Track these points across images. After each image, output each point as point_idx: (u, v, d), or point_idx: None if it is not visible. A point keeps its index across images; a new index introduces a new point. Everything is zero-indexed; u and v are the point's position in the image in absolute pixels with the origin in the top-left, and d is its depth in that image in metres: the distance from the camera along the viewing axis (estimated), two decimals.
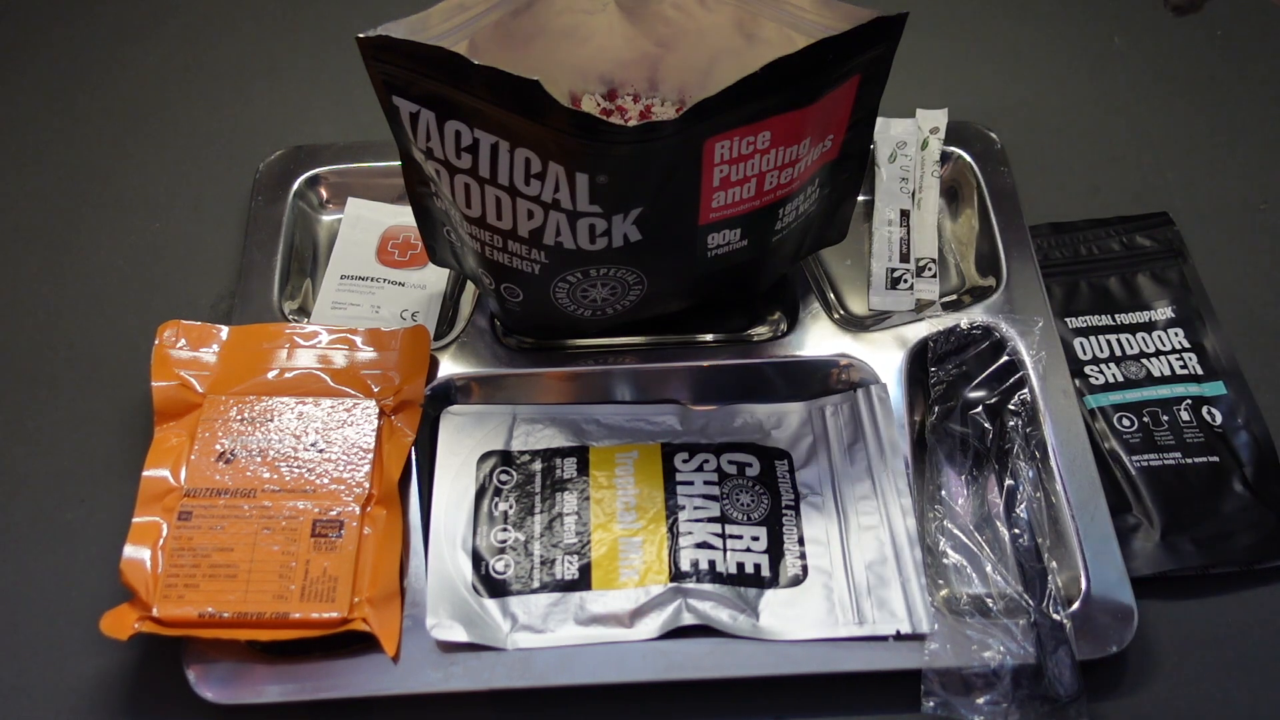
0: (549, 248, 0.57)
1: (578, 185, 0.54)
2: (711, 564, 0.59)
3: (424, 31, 0.57)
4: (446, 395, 0.66)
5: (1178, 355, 0.69)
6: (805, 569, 0.59)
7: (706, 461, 0.63)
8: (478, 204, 0.56)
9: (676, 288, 0.64)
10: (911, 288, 0.71)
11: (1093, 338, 0.70)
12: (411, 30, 0.55)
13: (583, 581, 0.59)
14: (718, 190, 0.57)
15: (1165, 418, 0.66)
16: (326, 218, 0.76)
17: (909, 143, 0.75)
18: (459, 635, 0.56)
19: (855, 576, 0.59)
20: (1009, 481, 0.62)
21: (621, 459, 0.63)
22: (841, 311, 0.70)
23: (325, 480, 0.60)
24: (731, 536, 0.60)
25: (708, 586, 0.58)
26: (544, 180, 0.54)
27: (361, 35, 0.51)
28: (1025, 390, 0.65)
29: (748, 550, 0.60)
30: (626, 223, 0.56)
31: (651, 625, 0.57)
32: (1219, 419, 0.66)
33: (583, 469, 0.63)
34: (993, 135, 0.76)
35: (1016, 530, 0.61)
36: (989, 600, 0.59)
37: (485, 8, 0.60)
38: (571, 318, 0.63)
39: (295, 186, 0.74)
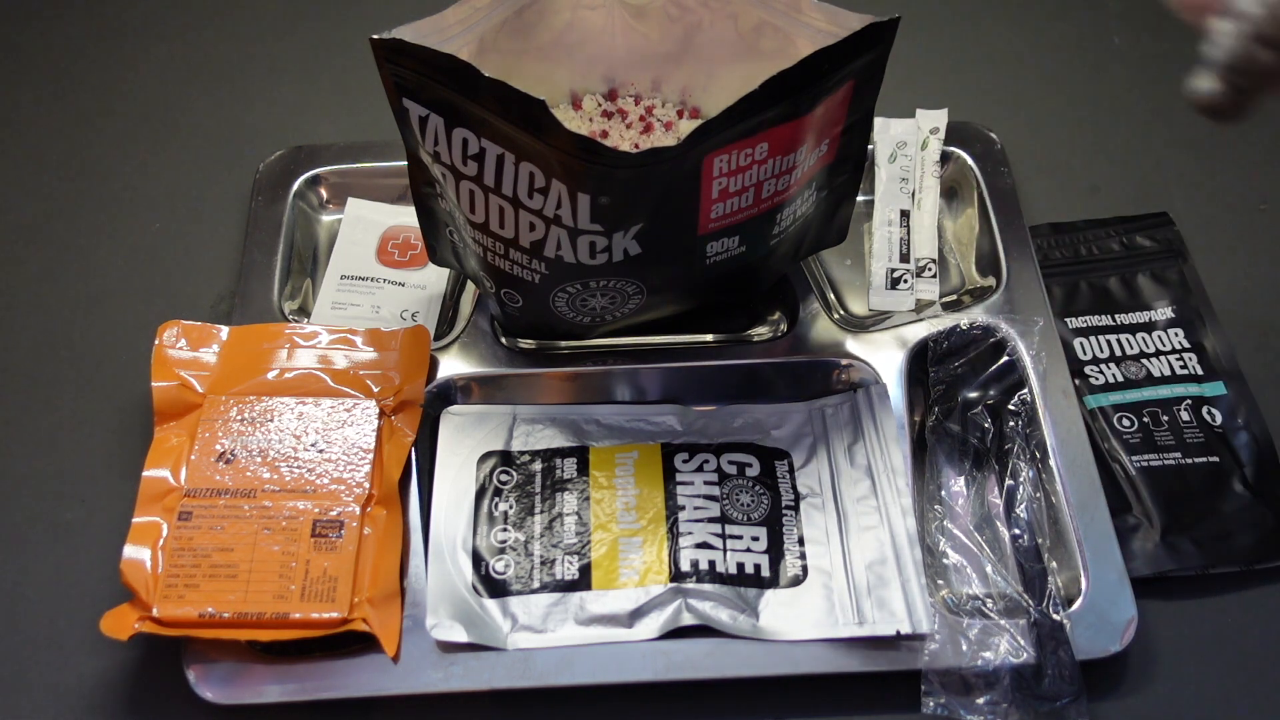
0: (549, 259, 0.57)
1: (579, 204, 0.54)
2: (711, 564, 0.59)
3: (439, 33, 0.56)
4: (446, 395, 0.66)
5: (1178, 355, 0.69)
6: (805, 569, 0.59)
7: (706, 462, 0.63)
8: (481, 210, 0.56)
9: (676, 295, 0.64)
10: (911, 288, 0.71)
11: (1093, 338, 0.70)
12: (428, 32, 0.55)
13: (583, 581, 0.59)
14: (716, 202, 0.57)
15: (1165, 418, 0.66)
16: (326, 218, 0.75)
17: (909, 143, 0.75)
18: (459, 635, 0.56)
19: (855, 576, 0.59)
20: (1009, 481, 0.62)
21: (621, 459, 0.63)
22: (841, 311, 0.70)
23: (325, 480, 0.60)
24: (731, 537, 0.60)
25: (708, 587, 0.58)
26: (547, 196, 0.54)
27: (375, 37, 0.51)
28: (1025, 390, 0.65)
29: (748, 550, 0.60)
30: (626, 238, 0.56)
31: (651, 625, 0.57)
32: (1219, 419, 0.66)
33: (583, 469, 0.63)
34: (993, 135, 0.76)
35: (1016, 530, 0.61)
36: (989, 600, 0.59)
37: (494, 7, 0.60)
38: (571, 324, 0.63)
39: (295, 186, 0.74)
